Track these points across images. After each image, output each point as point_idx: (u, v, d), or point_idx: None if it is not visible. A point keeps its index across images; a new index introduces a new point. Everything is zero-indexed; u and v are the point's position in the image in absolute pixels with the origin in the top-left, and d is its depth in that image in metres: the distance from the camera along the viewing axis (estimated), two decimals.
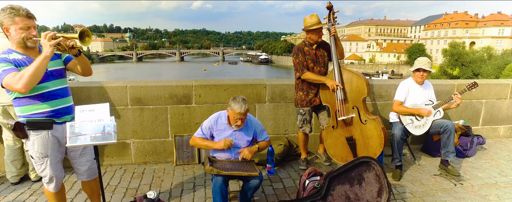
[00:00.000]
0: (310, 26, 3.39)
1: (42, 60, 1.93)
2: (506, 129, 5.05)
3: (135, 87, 3.72)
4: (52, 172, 2.22)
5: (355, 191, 2.64)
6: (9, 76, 1.91)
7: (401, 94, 3.57)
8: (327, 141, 3.58)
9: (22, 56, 2.05)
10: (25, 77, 1.87)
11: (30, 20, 2.01)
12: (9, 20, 1.96)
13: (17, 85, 1.88)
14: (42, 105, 2.10)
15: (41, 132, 2.12)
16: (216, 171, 2.48)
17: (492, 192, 3.22)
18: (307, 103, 3.59)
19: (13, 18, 1.96)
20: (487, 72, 37.67)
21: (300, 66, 3.46)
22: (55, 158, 2.21)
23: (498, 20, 63.66)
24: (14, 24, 1.97)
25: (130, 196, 3.08)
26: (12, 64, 1.98)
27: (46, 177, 2.23)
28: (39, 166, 2.20)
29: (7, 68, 1.94)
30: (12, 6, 1.96)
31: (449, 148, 3.46)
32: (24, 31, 1.99)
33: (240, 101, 2.57)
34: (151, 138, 3.88)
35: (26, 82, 1.88)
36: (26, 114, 2.09)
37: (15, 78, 1.89)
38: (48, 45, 1.93)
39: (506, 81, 4.94)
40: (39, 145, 2.14)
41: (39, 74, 1.94)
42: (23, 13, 1.98)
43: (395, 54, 75.07)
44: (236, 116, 2.59)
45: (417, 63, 3.54)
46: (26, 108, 2.08)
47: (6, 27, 1.99)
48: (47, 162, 2.18)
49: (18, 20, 1.97)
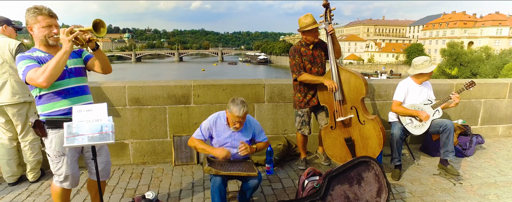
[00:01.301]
0: (305, 26, 3.33)
1: (62, 55, 2.00)
2: (504, 128, 5.06)
3: (133, 87, 3.70)
4: (69, 170, 2.25)
5: (355, 191, 2.64)
6: (32, 71, 2.00)
7: (400, 94, 3.56)
8: (326, 141, 3.57)
9: (45, 54, 2.14)
10: (47, 72, 1.96)
11: (52, 19, 2.11)
12: (33, 19, 2.06)
13: (39, 79, 1.96)
14: (62, 102, 2.16)
15: (59, 130, 2.15)
16: (214, 171, 2.47)
17: (491, 191, 3.22)
18: (305, 104, 3.57)
19: (36, 17, 2.06)
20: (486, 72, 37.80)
21: (297, 68, 3.43)
22: (72, 157, 2.25)
23: (496, 20, 63.88)
24: (37, 23, 2.07)
25: (128, 196, 3.06)
26: (35, 61, 2.07)
27: (62, 175, 2.25)
28: (55, 164, 2.23)
29: (31, 64, 2.03)
30: (36, 6, 2.07)
31: (448, 147, 3.46)
32: (46, 29, 2.09)
33: (239, 104, 2.55)
34: (150, 138, 3.86)
35: (47, 76, 1.96)
36: (46, 112, 2.15)
37: (37, 73, 1.97)
38: (66, 40, 2.00)
39: (505, 80, 4.95)
40: (56, 144, 2.17)
41: (59, 68, 2.01)
42: (45, 12, 2.07)
43: (393, 54, 75.23)
44: (235, 118, 2.58)
45: (421, 66, 3.42)
46: (46, 105, 2.14)
47: (30, 26, 2.08)
48: (64, 160, 2.22)
49: (40, 19, 2.06)
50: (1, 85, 2.97)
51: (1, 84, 2.97)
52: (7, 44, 2.98)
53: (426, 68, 3.43)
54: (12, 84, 3.00)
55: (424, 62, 3.45)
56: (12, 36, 3.16)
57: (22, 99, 3.06)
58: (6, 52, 2.97)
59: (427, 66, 3.44)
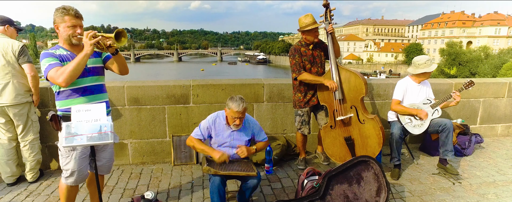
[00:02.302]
0: (305, 26, 3.35)
1: (82, 57, 2.06)
2: (503, 127, 5.06)
3: (132, 87, 3.70)
4: (76, 166, 2.27)
5: (354, 191, 2.64)
6: (53, 70, 2.07)
7: (399, 93, 3.56)
8: (325, 140, 3.57)
9: (67, 52, 2.21)
10: (66, 73, 2.03)
11: (77, 20, 2.18)
12: (60, 18, 2.14)
13: (59, 79, 2.04)
14: (79, 99, 2.22)
15: None
16: (214, 171, 2.47)
17: (490, 190, 3.22)
18: (305, 103, 3.58)
19: (63, 17, 2.13)
20: (484, 72, 37.90)
21: (297, 67, 3.44)
22: (82, 153, 2.27)
23: (494, 20, 64.03)
24: (63, 22, 2.14)
25: (127, 196, 3.06)
26: (58, 59, 2.14)
27: (68, 170, 2.28)
28: (64, 159, 2.26)
29: (53, 63, 2.10)
30: (64, 6, 2.15)
31: (447, 147, 3.47)
32: (71, 29, 2.16)
33: (238, 100, 2.55)
34: (149, 138, 3.86)
35: (67, 77, 2.03)
36: (63, 107, 2.22)
37: (58, 73, 2.05)
38: (88, 44, 2.06)
39: (503, 80, 4.96)
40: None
41: (79, 70, 2.08)
42: (72, 13, 2.15)
43: (392, 54, 75.33)
44: (234, 114, 2.57)
45: (424, 65, 3.44)
46: (64, 101, 2.21)
47: (57, 24, 2.16)
48: (73, 155, 2.24)
49: (67, 19, 2.14)
50: (3, 86, 2.97)
51: (3, 85, 2.97)
52: (10, 45, 2.98)
53: (428, 67, 3.45)
54: (14, 85, 3.00)
55: (427, 61, 3.47)
56: (13, 36, 3.16)
57: (24, 99, 3.08)
58: (9, 53, 2.97)
59: (429, 65, 3.46)
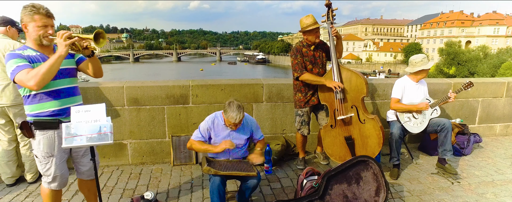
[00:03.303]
0: (306, 27, 3.35)
1: (56, 59, 1.96)
2: (502, 127, 5.08)
3: (131, 87, 3.70)
4: (58, 171, 2.22)
5: (353, 190, 2.64)
6: (23, 73, 1.94)
7: (398, 92, 3.58)
8: (325, 140, 3.57)
9: (36, 53, 2.09)
10: (39, 75, 1.91)
11: (48, 19, 2.07)
12: (28, 17, 2.01)
13: (30, 83, 1.91)
14: (51, 102, 2.12)
15: (48, 131, 2.13)
16: (213, 171, 2.47)
17: (489, 190, 3.23)
18: (305, 103, 3.58)
19: (33, 16, 2.01)
20: (483, 71, 37.94)
21: (299, 67, 3.44)
22: (61, 157, 2.23)
23: (493, 19, 64.12)
24: (33, 22, 2.02)
25: (127, 197, 3.06)
26: (26, 60, 2.01)
27: (50, 176, 2.22)
28: (43, 165, 2.19)
29: (21, 65, 1.97)
30: (33, 4, 2.02)
31: (446, 146, 3.48)
32: (42, 29, 2.04)
33: (235, 110, 2.53)
34: (148, 138, 3.86)
35: (39, 80, 1.92)
36: (34, 112, 2.11)
37: (29, 75, 1.92)
38: (63, 45, 1.96)
39: (502, 79, 4.97)
40: (45, 145, 2.14)
41: (52, 72, 1.98)
42: (43, 12, 2.03)
43: (391, 53, 75.34)
44: (230, 123, 2.59)
45: (421, 63, 3.48)
46: (35, 106, 2.10)
47: (25, 24, 2.04)
48: (53, 161, 2.19)
49: (37, 18, 2.02)
50: (4, 87, 2.96)
51: (4, 86, 2.96)
52: (11, 47, 2.97)
53: (425, 64, 3.49)
54: (14, 86, 2.99)
55: (423, 59, 3.52)
56: (14, 37, 3.15)
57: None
58: None
59: (426, 63, 3.50)
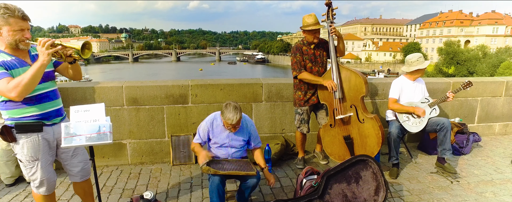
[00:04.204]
0: (306, 26, 3.35)
1: (38, 68, 1.86)
2: (501, 126, 5.08)
3: (131, 87, 3.69)
4: (44, 175, 2.15)
5: (353, 190, 2.64)
6: (3, 82, 1.83)
7: (395, 91, 3.59)
8: (325, 139, 3.58)
9: (12, 58, 1.96)
10: (21, 86, 1.82)
11: (24, 22, 1.94)
12: (2, 21, 1.87)
13: (11, 94, 1.83)
14: (32, 108, 2.03)
15: (31, 134, 2.05)
16: (213, 170, 2.47)
17: (488, 189, 3.24)
18: (304, 102, 3.58)
19: (8, 19, 1.87)
20: (482, 70, 37.99)
21: (298, 66, 3.44)
22: (46, 161, 2.15)
23: (492, 19, 64.20)
24: (8, 25, 1.88)
25: (126, 196, 3.06)
26: (3, 67, 1.89)
27: (37, 180, 2.15)
28: (29, 169, 2.12)
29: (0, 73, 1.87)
30: (7, 6, 1.87)
31: (445, 145, 3.48)
32: (18, 33, 1.91)
33: (232, 111, 2.53)
34: (148, 138, 3.85)
35: (21, 91, 1.84)
36: (15, 116, 2.02)
37: (10, 86, 1.82)
38: (45, 53, 1.85)
39: (501, 79, 4.97)
40: (29, 148, 2.06)
41: (35, 83, 1.89)
42: (18, 15, 1.89)
43: (391, 53, 75.34)
44: (228, 124, 2.59)
45: (417, 63, 3.50)
46: (14, 111, 2.01)
47: None
48: (38, 165, 2.11)
49: (12, 21, 1.88)
50: None
51: None
52: None
53: (421, 64, 3.50)
54: None
55: (419, 58, 3.53)
56: None
57: None
58: None
59: (422, 62, 3.51)
